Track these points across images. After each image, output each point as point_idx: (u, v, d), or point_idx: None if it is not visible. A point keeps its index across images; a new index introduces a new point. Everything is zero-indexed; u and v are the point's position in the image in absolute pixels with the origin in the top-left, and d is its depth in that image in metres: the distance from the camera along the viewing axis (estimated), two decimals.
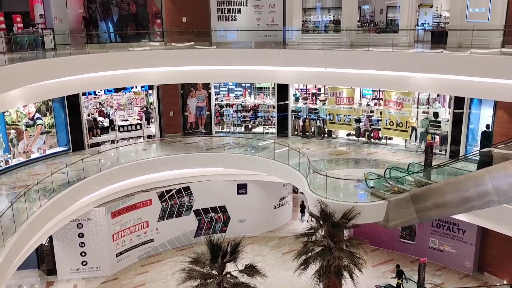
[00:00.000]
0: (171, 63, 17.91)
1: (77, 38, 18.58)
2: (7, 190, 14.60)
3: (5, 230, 11.32)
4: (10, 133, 16.39)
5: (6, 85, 12.90)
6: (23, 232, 11.80)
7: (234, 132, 20.91)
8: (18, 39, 15.76)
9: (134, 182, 17.34)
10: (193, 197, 19.10)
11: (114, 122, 20.24)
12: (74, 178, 15.00)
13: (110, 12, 20.03)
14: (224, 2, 20.44)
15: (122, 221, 17.42)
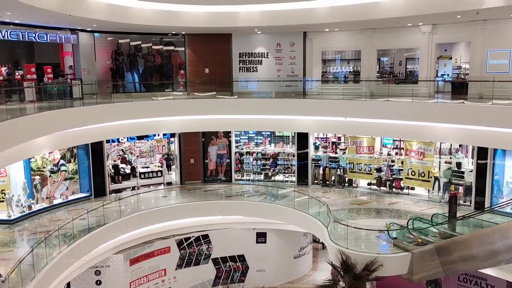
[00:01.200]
0: (194, 112, 18.35)
1: (104, 88, 19.34)
2: (28, 236, 14.74)
3: (24, 276, 11.34)
4: (34, 178, 16.74)
5: (35, 132, 13.35)
6: (41, 278, 11.79)
7: (254, 180, 20.93)
8: (48, 89, 16.45)
9: (153, 229, 17.30)
10: (211, 245, 18.90)
11: (135, 169, 20.52)
12: (94, 224, 15.09)
13: (136, 63, 20.88)
14: (246, 54, 21.14)
15: (140, 269, 17.25)
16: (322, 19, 17.31)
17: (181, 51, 21.29)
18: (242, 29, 19.64)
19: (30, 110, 13.83)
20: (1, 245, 13.85)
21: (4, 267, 12.27)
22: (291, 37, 20.78)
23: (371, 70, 19.78)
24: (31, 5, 12.61)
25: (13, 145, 12.28)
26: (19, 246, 13.99)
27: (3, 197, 15.66)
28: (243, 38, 21.01)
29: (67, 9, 14.48)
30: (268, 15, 17.97)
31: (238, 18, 18.24)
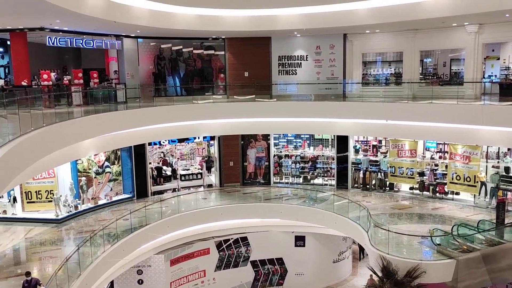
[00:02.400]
0: (233, 115, 18.52)
1: (147, 92, 19.84)
2: (74, 235, 15.29)
3: (71, 274, 11.77)
4: (81, 180, 17.37)
5: (81, 135, 13.85)
6: (87, 276, 12.20)
7: (293, 183, 20.87)
8: (94, 93, 17.08)
9: (193, 230, 17.56)
10: (250, 247, 18.97)
11: (176, 171, 20.91)
12: (136, 224, 15.49)
13: (177, 67, 21.32)
14: (285, 57, 21.14)
15: (180, 269, 17.54)
16: (363, 20, 17.07)
17: (221, 55, 21.56)
18: (282, 32, 19.65)
19: (77, 113, 14.38)
20: (49, 243, 14.44)
21: (52, 265, 12.80)
22: (331, 39, 20.61)
23: (413, 71, 19.31)
24: (79, 12, 13.12)
25: (61, 147, 12.77)
26: (66, 244, 14.53)
27: (51, 197, 16.34)
28: (283, 41, 21.02)
29: (113, 16, 14.97)
30: (307, 18, 17.91)
31: (278, 21, 18.27)
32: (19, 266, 12.91)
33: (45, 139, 11.47)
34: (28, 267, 12.80)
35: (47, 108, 13.95)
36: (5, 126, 10.78)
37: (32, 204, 16.48)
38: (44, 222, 15.86)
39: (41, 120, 11.94)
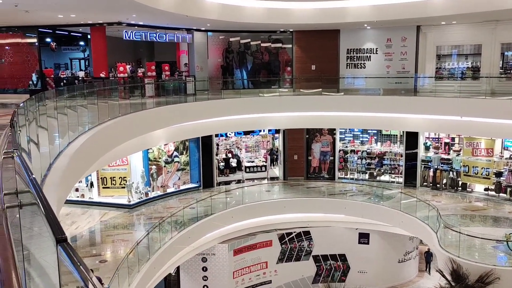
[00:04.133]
0: (299, 108, 18.43)
1: (215, 85, 20.27)
2: (144, 220, 16.05)
3: (140, 257, 12.39)
4: (151, 168, 18.15)
5: (153, 125, 14.45)
6: (155, 260, 12.78)
7: (358, 179, 20.45)
8: (165, 85, 17.73)
9: (256, 222, 17.79)
10: (312, 242, 18.90)
11: (241, 163, 21.25)
12: (202, 213, 15.95)
13: (245, 61, 21.57)
14: (354, 50, 20.66)
15: (243, 260, 17.87)
16: (439, 11, 16.25)
17: (288, 48, 21.51)
18: (351, 25, 19.22)
19: (149, 104, 15.02)
20: (122, 227, 15.27)
21: (123, 247, 13.53)
22: (403, 31, 19.84)
23: (493, 65, 18.12)
24: (154, 7, 13.66)
25: (135, 137, 13.42)
26: (136, 229, 15.29)
27: (124, 184, 17.23)
28: (352, 33, 20.56)
29: (185, 10, 15.41)
30: (379, 9, 17.36)
31: (347, 13, 17.89)
32: (94, 247, 13.80)
33: (120, 129, 12.09)
34: (102, 248, 13.66)
35: (122, 99, 14.68)
36: (85, 115, 11.49)
37: (107, 190, 17.47)
38: (118, 207, 16.77)
39: (117, 110, 12.61)
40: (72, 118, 9.99)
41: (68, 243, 1.45)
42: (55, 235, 1.46)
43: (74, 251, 1.41)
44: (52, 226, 1.54)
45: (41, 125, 7.95)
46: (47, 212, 1.62)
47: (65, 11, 14.79)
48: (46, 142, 7.73)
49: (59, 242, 1.42)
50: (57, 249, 1.44)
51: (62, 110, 9.76)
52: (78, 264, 1.34)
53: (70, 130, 9.36)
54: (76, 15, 15.61)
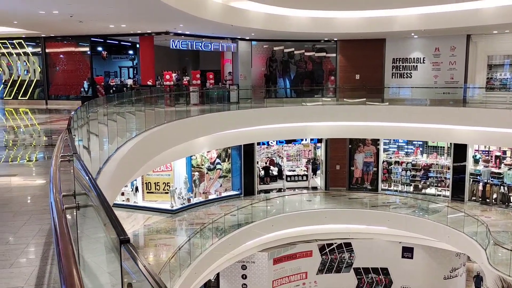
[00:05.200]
0: (342, 118, 18.25)
1: (258, 93, 20.43)
2: (186, 226, 16.31)
3: (182, 262, 12.59)
4: (194, 174, 18.45)
5: (197, 132, 14.72)
6: (196, 266, 12.95)
7: (402, 191, 19.95)
8: (209, 93, 18.04)
9: (297, 231, 17.68)
10: (354, 254, 18.56)
11: (282, 172, 21.22)
12: (243, 221, 16.03)
13: (288, 69, 21.63)
14: (400, 59, 20.28)
15: (282, 269, 17.78)
16: (490, 20, 15.70)
17: (332, 57, 21.41)
18: (397, 34, 18.90)
19: (194, 112, 15.30)
20: (164, 232, 15.58)
21: (165, 252, 13.80)
22: (451, 40, 19.30)
23: None
24: (200, 17, 13.98)
25: (179, 143, 13.70)
26: (178, 234, 15.56)
27: (168, 189, 17.60)
28: (398, 42, 20.19)
29: (230, 20, 15.67)
30: (427, 18, 16.97)
31: (394, 22, 17.61)
32: (138, 251, 14.14)
33: (166, 135, 12.38)
34: (145, 252, 13.97)
35: (168, 106, 15.04)
36: (132, 121, 11.86)
37: (151, 194, 17.90)
38: (161, 211, 17.14)
39: (163, 117, 12.94)
40: (120, 124, 10.34)
41: (131, 244, 1.51)
42: (119, 236, 1.53)
43: (137, 252, 1.47)
44: (115, 227, 1.62)
45: (92, 131, 8.28)
46: (110, 214, 1.70)
47: (116, 22, 15.40)
48: (96, 147, 8.04)
49: (122, 242, 1.49)
50: (121, 250, 1.51)
51: (111, 117, 10.13)
52: (142, 264, 1.40)
53: (119, 136, 9.69)
54: (127, 25, 16.21)
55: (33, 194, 5.71)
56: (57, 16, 13.81)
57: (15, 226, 4.37)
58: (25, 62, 20.91)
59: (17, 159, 8.36)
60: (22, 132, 12.63)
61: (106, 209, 1.74)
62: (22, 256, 3.65)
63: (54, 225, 1.82)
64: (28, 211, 4.89)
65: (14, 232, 4.19)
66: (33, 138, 11.49)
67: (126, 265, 1.57)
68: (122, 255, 1.51)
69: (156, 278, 1.29)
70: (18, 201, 5.40)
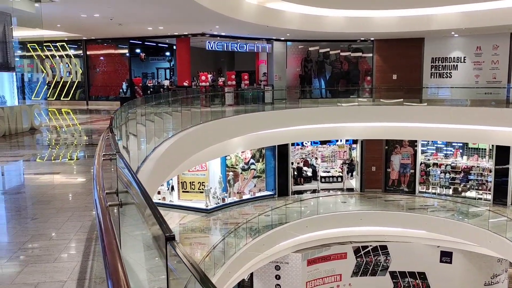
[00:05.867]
0: (378, 119, 17.96)
1: (292, 94, 20.40)
2: (220, 225, 16.44)
3: (216, 261, 12.70)
4: (228, 174, 18.59)
5: (232, 133, 14.84)
6: (230, 265, 13.04)
7: (440, 194, 19.42)
8: (244, 94, 18.14)
9: (331, 233, 17.51)
10: (390, 257, 18.21)
11: (317, 173, 21.08)
12: (276, 221, 16.02)
13: (323, 70, 21.48)
14: (439, 59, 19.76)
15: (316, 270, 17.65)
16: None
17: (368, 57, 21.11)
18: (437, 33, 18.42)
19: (228, 113, 15.44)
20: (199, 231, 15.76)
21: (200, 251, 13.96)
22: (494, 39, 18.65)
23: None
24: (236, 18, 14.09)
25: (215, 144, 13.84)
26: (213, 233, 15.70)
27: (203, 189, 17.81)
28: (437, 42, 19.68)
29: (265, 21, 15.72)
30: (468, 16, 16.47)
31: (433, 20, 17.18)
32: None
33: (201, 136, 12.54)
34: None
35: (203, 107, 15.24)
36: (169, 122, 12.08)
37: (186, 194, 18.15)
38: (196, 210, 17.34)
39: (198, 117, 13.12)
40: (157, 125, 10.55)
41: (177, 241, 1.55)
42: (164, 233, 1.57)
43: (183, 249, 1.50)
44: (160, 224, 1.66)
45: (131, 131, 8.49)
46: (155, 212, 1.75)
47: (154, 24, 15.74)
48: (134, 146, 8.24)
49: (168, 239, 1.53)
50: (167, 247, 1.55)
51: (149, 117, 10.35)
52: (189, 260, 1.43)
53: (156, 135, 9.89)
54: (164, 27, 16.54)
55: (74, 192, 5.92)
56: (98, 19, 14.25)
57: (58, 222, 4.53)
58: (67, 64, 21.67)
59: (59, 157, 8.68)
60: (64, 131, 13.10)
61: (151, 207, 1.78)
62: (64, 251, 3.79)
63: (98, 221, 1.89)
64: (70, 208, 5.07)
65: (58, 228, 4.35)
66: (74, 137, 11.90)
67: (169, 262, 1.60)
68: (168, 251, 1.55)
69: (204, 276, 1.32)
70: (61, 198, 5.61)
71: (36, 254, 3.67)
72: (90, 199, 5.39)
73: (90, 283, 3.16)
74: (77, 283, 3.13)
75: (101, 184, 2.58)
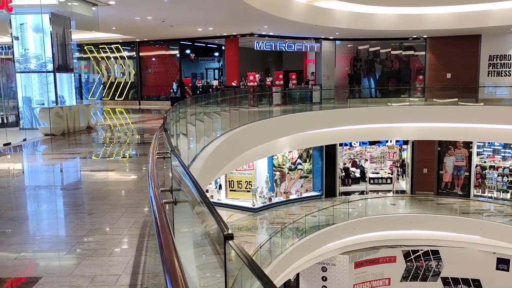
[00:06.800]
0: (431, 119, 17.36)
1: (341, 93, 20.12)
2: (267, 224, 16.48)
3: (262, 260, 12.75)
4: (275, 174, 18.61)
5: (279, 133, 14.83)
6: (276, 265, 13.05)
7: (497, 198, 18.51)
8: (292, 94, 18.09)
9: (379, 235, 17.11)
10: (442, 262, 17.56)
11: (365, 174, 20.68)
12: (323, 222, 15.87)
13: (373, 69, 21.03)
14: (498, 56, 18.83)
15: (364, 273, 17.31)
16: None
17: (421, 55, 20.46)
18: (495, 29, 17.57)
19: (276, 112, 15.45)
20: (246, 229, 15.88)
21: (247, 249, 13.97)
22: None
23: None
24: (285, 18, 14.08)
25: (262, 143, 13.90)
26: (259, 232, 15.77)
27: (249, 188, 17.92)
28: (496, 38, 18.77)
29: (314, 20, 15.60)
30: None
31: (490, 16, 16.39)
32: None
33: (249, 135, 12.62)
34: None
35: (251, 106, 15.32)
36: (217, 121, 12.25)
37: (233, 192, 18.34)
38: (242, 209, 17.48)
39: (246, 117, 13.21)
40: (206, 124, 10.73)
41: (235, 240, 1.57)
42: (223, 231, 1.60)
43: (242, 248, 1.52)
44: (218, 223, 1.69)
45: (181, 130, 8.68)
46: (212, 210, 1.78)
47: (205, 25, 16.02)
48: (185, 145, 8.42)
49: (226, 238, 1.55)
50: (225, 245, 1.58)
51: (198, 117, 10.54)
52: (248, 260, 1.45)
53: (205, 135, 10.06)
54: (214, 28, 16.79)
55: (127, 189, 6.12)
56: (151, 22, 14.67)
57: (113, 217, 4.71)
58: (121, 65, 22.47)
59: (113, 155, 9.02)
60: (117, 130, 13.60)
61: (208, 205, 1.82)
62: (119, 246, 3.93)
63: (154, 218, 1.95)
64: (124, 204, 5.25)
65: (112, 223, 4.52)
66: (127, 136, 12.32)
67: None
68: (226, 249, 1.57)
69: (265, 275, 1.33)
70: (115, 195, 5.82)
71: (92, 248, 3.83)
72: (142, 196, 5.56)
73: (143, 278, 3.26)
74: (131, 277, 3.24)
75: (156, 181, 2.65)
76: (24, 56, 12.07)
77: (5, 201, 5.74)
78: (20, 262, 3.53)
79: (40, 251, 3.82)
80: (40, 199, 5.72)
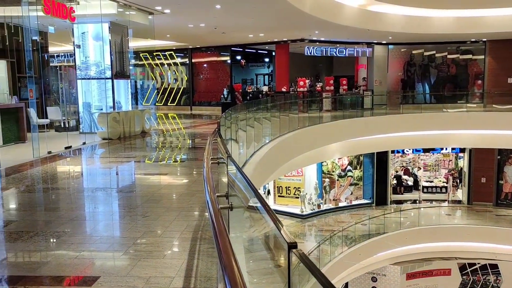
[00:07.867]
0: (490, 126, 16.55)
1: (393, 99, 19.62)
2: (315, 231, 16.30)
3: None
4: (324, 181, 18.39)
5: (329, 139, 14.66)
6: (325, 273, 12.72)
7: None
8: (342, 99, 17.84)
9: (433, 247, 16.49)
10: (501, 277, 16.65)
11: (418, 182, 20.00)
12: (374, 231, 15.48)
13: (428, 74, 20.38)
14: None
15: (416, 285, 16.72)
16: None
17: (479, 59, 19.59)
18: None
19: (326, 118, 15.27)
20: (294, 236, 15.72)
21: (295, 256, 13.95)
22: None
23: None
24: (336, 23, 13.96)
25: (311, 149, 13.78)
26: (307, 239, 15.62)
27: (298, 194, 17.81)
28: None
29: (367, 24, 15.35)
30: None
31: None
32: None
33: (298, 141, 12.56)
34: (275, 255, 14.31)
35: (301, 112, 15.24)
36: (267, 127, 12.28)
37: (282, 198, 18.30)
38: (291, 215, 17.39)
39: (296, 123, 13.16)
40: (256, 130, 10.78)
41: (299, 249, 1.57)
42: (287, 241, 1.59)
43: (307, 257, 1.51)
44: (281, 231, 1.69)
45: (232, 135, 8.78)
46: (273, 218, 1.78)
47: (256, 31, 16.17)
48: (235, 151, 8.50)
49: (291, 247, 1.55)
50: (289, 255, 1.57)
51: (248, 122, 10.62)
52: (313, 269, 1.43)
53: (255, 140, 10.11)
54: (265, 34, 16.91)
55: (180, 193, 6.25)
56: (203, 29, 14.99)
57: (166, 220, 4.82)
58: (174, 71, 23.09)
59: (165, 159, 9.26)
60: (170, 135, 13.96)
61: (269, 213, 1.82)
62: (172, 249, 4.02)
63: (212, 223, 1.97)
64: (177, 208, 5.37)
65: (166, 226, 4.63)
66: (179, 141, 12.61)
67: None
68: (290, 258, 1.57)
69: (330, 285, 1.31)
70: (168, 198, 5.96)
71: (147, 250, 3.94)
72: (194, 200, 5.66)
73: (196, 281, 3.31)
74: (184, 280, 3.29)
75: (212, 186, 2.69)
76: (84, 63, 12.68)
77: (66, 202, 6.03)
78: (79, 261, 3.68)
79: (98, 251, 3.97)
80: (98, 201, 5.95)
